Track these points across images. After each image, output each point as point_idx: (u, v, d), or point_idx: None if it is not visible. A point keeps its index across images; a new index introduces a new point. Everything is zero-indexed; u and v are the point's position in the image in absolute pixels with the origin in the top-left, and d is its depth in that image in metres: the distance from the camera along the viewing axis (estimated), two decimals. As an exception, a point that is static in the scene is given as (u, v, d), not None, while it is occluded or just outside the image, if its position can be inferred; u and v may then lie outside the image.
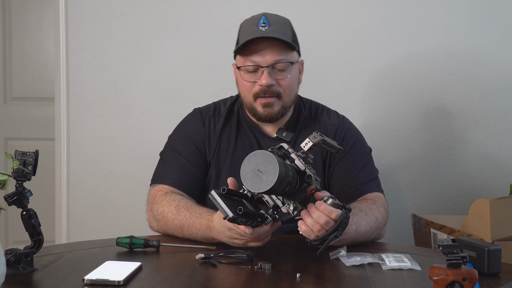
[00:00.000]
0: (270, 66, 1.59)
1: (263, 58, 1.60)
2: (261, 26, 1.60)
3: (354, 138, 1.74)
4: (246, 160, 1.25)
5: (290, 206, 1.33)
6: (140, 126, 2.50)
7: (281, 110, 1.64)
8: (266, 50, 1.59)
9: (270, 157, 1.23)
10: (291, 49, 1.63)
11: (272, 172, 1.22)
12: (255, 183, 1.24)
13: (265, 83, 1.59)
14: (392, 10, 2.39)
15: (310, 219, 1.31)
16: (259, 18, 1.62)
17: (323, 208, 1.31)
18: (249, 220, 1.31)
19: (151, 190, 1.67)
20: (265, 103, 1.62)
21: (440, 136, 2.41)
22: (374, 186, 1.70)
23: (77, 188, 2.54)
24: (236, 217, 1.26)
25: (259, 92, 1.61)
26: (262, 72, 1.60)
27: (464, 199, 2.39)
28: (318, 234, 1.32)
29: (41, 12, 3.33)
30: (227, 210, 1.26)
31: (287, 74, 1.62)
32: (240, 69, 1.64)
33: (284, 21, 1.67)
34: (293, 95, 1.67)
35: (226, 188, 1.28)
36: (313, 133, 1.36)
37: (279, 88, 1.62)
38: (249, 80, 1.63)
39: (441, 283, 1.01)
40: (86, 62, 2.51)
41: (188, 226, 1.51)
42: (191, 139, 1.71)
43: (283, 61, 1.60)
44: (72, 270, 1.28)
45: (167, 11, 2.47)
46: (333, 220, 1.31)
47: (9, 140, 3.39)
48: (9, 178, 1.17)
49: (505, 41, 2.37)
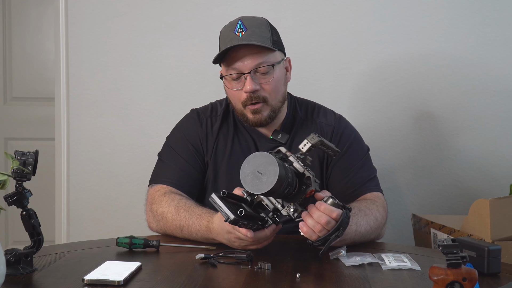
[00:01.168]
0: (252, 71, 1.59)
1: (243, 64, 1.59)
2: (237, 32, 1.59)
3: (351, 138, 1.73)
4: (245, 162, 1.26)
5: (290, 208, 1.33)
6: (140, 126, 2.50)
7: (271, 114, 1.64)
8: (246, 56, 1.58)
9: (269, 158, 1.23)
10: (272, 50, 1.61)
11: (272, 173, 1.22)
12: (255, 185, 1.24)
13: (249, 88, 1.58)
14: (392, 10, 2.39)
15: (311, 219, 1.31)
16: (235, 24, 1.61)
17: (323, 208, 1.31)
18: (250, 222, 1.31)
19: (150, 191, 1.67)
20: (254, 110, 1.62)
21: (440, 135, 2.41)
22: (373, 186, 1.70)
23: (77, 188, 2.54)
24: (237, 219, 1.26)
25: (246, 100, 1.61)
26: (245, 78, 1.60)
27: (464, 199, 2.39)
28: (319, 234, 1.31)
29: (41, 12, 3.33)
30: (228, 212, 1.26)
31: (270, 77, 1.60)
32: (225, 78, 1.64)
33: (260, 23, 1.63)
34: (280, 96, 1.66)
35: (226, 191, 1.28)
36: (311, 135, 1.35)
37: (263, 93, 1.61)
38: (235, 88, 1.62)
39: (441, 283, 1.01)
40: (86, 62, 2.51)
41: (187, 226, 1.51)
42: (189, 139, 1.71)
43: (263, 64, 1.59)
44: (72, 270, 1.28)
45: (167, 11, 2.47)
46: (334, 220, 1.31)
47: (9, 140, 3.39)
48: (9, 178, 1.17)
49: (505, 41, 2.37)
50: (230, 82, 1.63)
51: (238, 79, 1.61)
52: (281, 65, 1.65)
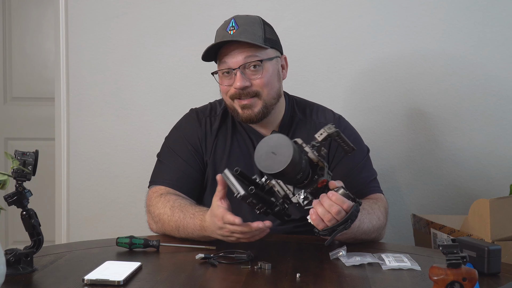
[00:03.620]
0: (240, 67, 1.60)
1: (233, 60, 1.61)
2: (229, 30, 1.62)
3: (351, 139, 1.72)
4: (261, 142, 1.26)
5: (301, 194, 1.32)
6: (140, 126, 2.50)
7: (263, 110, 1.63)
8: (235, 52, 1.61)
9: (284, 140, 1.23)
10: (262, 48, 1.62)
11: (286, 154, 1.22)
12: (268, 164, 1.23)
13: (238, 85, 1.60)
14: (391, 10, 2.39)
15: (322, 208, 1.30)
16: (228, 22, 1.64)
17: (335, 198, 1.30)
18: (259, 203, 1.29)
19: (149, 192, 1.68)
20: (243, 105, 1.62)
21: (440, 136, 2.41)
22: (376, 187, 1.70)
23: (77, 188, 2.54)
24: (248, 195, 1.25)
25: (234, 94, 1.62)
26: (235, 74, 1.61)
27: (464, 199, 2.39)
28: (328, 224, 1.31)
29: (41, 12, 3.33)
30: (240, 188, 1.25)
31: (260, 73, 1.61)
32: (217, 74, 1.66)
33: (253, 21, 1.65)
34: (274, 92, 1.66)
35: (239, 169, 1.28)
36: (328, 125, 1.34)
37: (255, 87, 1.62)
38: (226, 84, 1.64)
39: (441, 283, 1.01)
40: (86, 62, 2.51)
41: (183, 226, 1.52)
42: (188, 139, 1.71)
43: (252, 60, 1.60)
44: (72, 270, 1.28)
45: (167, 11, 2.47)
46: (344, 211, 1.30)
47: (9, 140, 3.39)
48: (9, 178, 1.17)
49: (504, 41, 2.37)
50: (221, 78, 1.65)
51: (229, 75, 1.63)
52: (273, 62, 1.65)
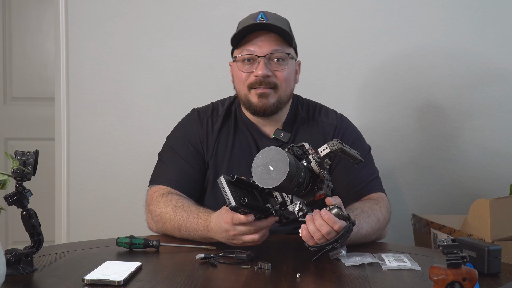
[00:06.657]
0: (266, 56, 1.59)
1: (259, 48, 1.60)
2: (259, 20, 1.61)
3: (353, 137, 1.73)
4: (260, 153, 1.25)
5: (296, 206, 1.32)
6: (140, 126, 2.50)
7: (277, 103, 1.63)
8: (263, 40, 1.60)
9: (282, 155, 1.23)
10: (288, 44, 1.62)
11: (282, 171, 1.21)
12: (264, 178, 1.23)
13: (261, 73, 1.59)
14: (392, 10, 2.39)
15: (313, 225, 1.31)
16: (257, 14, 1.63)
17: (327, 217, 1.30)
18: (252, 212, 1.30)
19: (149, 191, 1.67)
20: (260, 93, 1.61)
21: (440, 136, 2.41)
22: (377, 186, 1.69)
23: (77, 188, 2.54)
24: (238, 207, 1.25)
25: (254, 82, 1.61)
26: (258, 62, 1.60)
27: (464, 199, 2.39)
28: (317, 242, 1.32)
29: (41, 12, 3.33)
30: (231, 198, 1.25)
31: (284, 66, 1.61)
32: (237, 60, 1.64)
33: (282, 19, 1.68)
34: (290, 90, 1.66)
35: (236, 176, 1.28)
36: (333, 140, 1.34)
37: (275, 79, 1.61)
38: (245, 71, 1.62)
39: (441, 283, 1.01)
40: (86, 62, 2.51)
41: (185, 226, 1.51)
42: (189, 139, 1.71)
43: (280, 52, 1.61)
44: (72, 270, 1.28)
45: (167, 11, 2.47)
46: (335, 231, 1.30)
47: (9, 140, 3.39)
48: (9, 178, 1.17)
49: (505, 41, 2.37)
50: (242, 64, 1.63)
51: (250, 62, 1.62)
52: (294, 62, 1.67)
